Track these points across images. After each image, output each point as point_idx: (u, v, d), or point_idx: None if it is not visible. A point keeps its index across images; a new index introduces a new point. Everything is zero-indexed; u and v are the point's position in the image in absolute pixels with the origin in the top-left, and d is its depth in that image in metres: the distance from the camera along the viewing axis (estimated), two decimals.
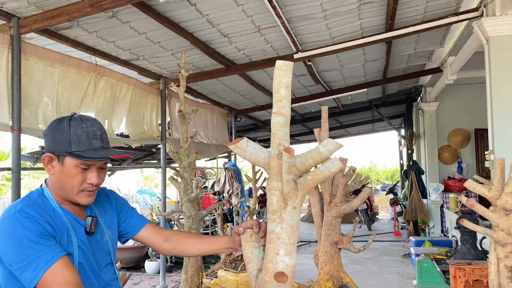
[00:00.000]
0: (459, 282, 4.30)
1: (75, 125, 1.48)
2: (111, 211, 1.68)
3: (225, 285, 5.41)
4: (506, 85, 4.40)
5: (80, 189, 1.49)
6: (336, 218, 3.10)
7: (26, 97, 3.32)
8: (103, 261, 1.57)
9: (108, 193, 1.75)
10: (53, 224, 1.45)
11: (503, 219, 2.48)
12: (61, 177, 1.49)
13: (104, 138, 1.53)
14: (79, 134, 1.47)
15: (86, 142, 1.47)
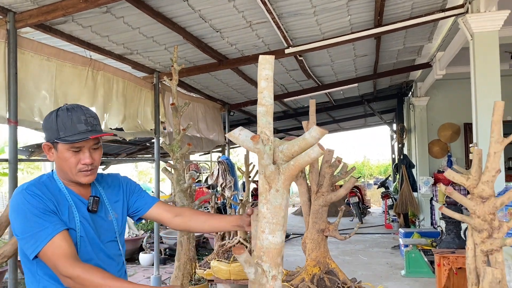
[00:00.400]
0: (443, 270, 4.45)
1: (61, 114, 1.64)
2: (119, 195, 1.82)
3: (218, 275, 5.52)
4: (489, 80, 4.54)
5: (77, 169, 1.65)
6: (322, 207, 3.22)
7: (22, 90, 3.41)
8: (107, 237, 1.72)
9: (121, 179, 1.91)
10: (55, 202, 1.61)
11: (480, 207, 2.62)
12: (59, 161, 1.67)
13: (90, 122, 1.65)
14: (65, 121, 1.62)
15: (71, 128, 1.62)
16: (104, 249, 1.70)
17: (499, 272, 2.53)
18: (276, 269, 1.39)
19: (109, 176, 1.91)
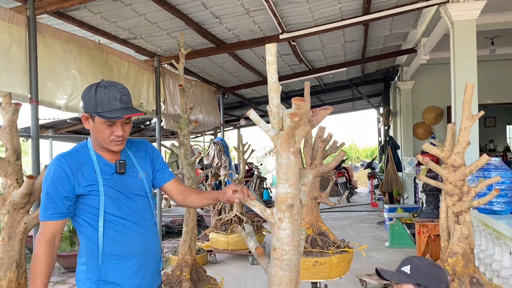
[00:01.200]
0: (423, 237, 4.93)
1: (99, 91, 1.87)
2: (146, 159, 2.11)
3: (217, 246, 5.96)
4: (467, 65, 4.94)
5: (110, 140, 1.90)
6: (315, 177, 3.63)
7: (50, 71, 3.72)
8: (137, 193, 2.00)
9: (147, 145, 2.19)
10: (79, 170, 1.89)
11: (452, 174, 3.09)
12: (94, 131, 1.92)
13: (124, 100, 1.89)
14: (102, 98, 1.85)
15: (108, 105, 1.84)
16: (134, 204, 1.98)
17: (466, 229, 3.01)
18: (282, 213, 1.78)
19: (138, 142, 2.18)
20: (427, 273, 2.01)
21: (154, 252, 2.02)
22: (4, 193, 2.80)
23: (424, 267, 2.03)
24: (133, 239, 1.93)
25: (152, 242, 2.01)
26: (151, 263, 2.00)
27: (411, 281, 1.98)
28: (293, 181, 1.75)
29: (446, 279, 2.02)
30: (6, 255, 2.73)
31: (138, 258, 1.94)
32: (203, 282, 3.75)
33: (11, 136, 2.81)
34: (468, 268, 3.03)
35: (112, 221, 1.91)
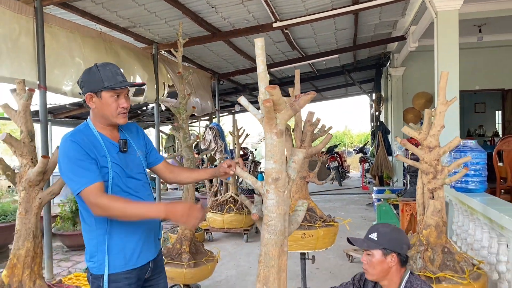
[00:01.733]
0: (406, 215, 5.28)
1: (101, 68, 2.07)
2: (139, 139, 2.33)
3: (213, 225, 6.29)
4: (450, 54, 5.22)
5: (117, 112, 2.11)
6: (304, 158, 3.93)
7: (57, 59, 3.96)
8: (137, 171, 2.22)
9: (138, 129, 2.40)
10: (93, 147, 2.07)
11: (427, 154, 3.41)
12: (102, 107, 2.09)
13: (121, 74, 2.13)
14: (107, 74, 2.04)
15: (113, 78, 2.05)
16: (135, 180, 2.18)
17: (439, 203, 3.34)
18: (268, 185, 2.06)
19: (128, 124, 2.28)
20: (391, 238, 2.24)
21: (154, 223, 2.25)
22: (20, 172, 3.07)
23: (389, 233, 2.27)
24: None
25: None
26: (153, 233, 2.25)
27: (378, 247, 2.21)
28: (276, 158, 2.01)
29: (407, 241, 2.30)
30: (23, 227, 3.01)
31: (142, 228, 2.16)
32: (201, 255, 4.07)
33: (25, 120, 3.08)
34: (440, 239, 3.37)
35: (119, 190, 2.10)
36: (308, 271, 4.38)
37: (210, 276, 4.19)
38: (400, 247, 2.20)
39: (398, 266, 2.19)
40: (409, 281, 2.19)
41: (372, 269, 2.20)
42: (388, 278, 2.21)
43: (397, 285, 2.20)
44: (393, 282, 2.21)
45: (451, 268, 3.26)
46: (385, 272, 2.19)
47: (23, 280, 2.95)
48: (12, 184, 10.49)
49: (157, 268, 2.30)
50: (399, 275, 2.22)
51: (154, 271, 2.27)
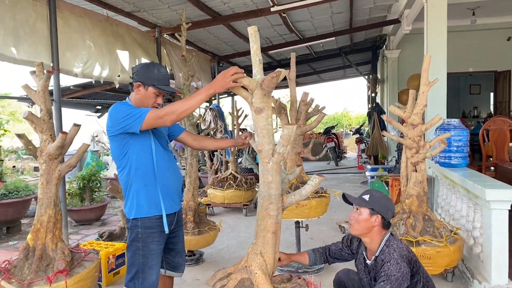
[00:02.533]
0: (395, 189, 5.63)
1: (158, 69, 2.54)
2: None
3: (214, 200, 6.65)
4: (438, 37, 5.50)
5: (152, 106, 2.55)
6: (299, 135, 4.25)
7: (69, 42, 4.24)
8: (164, 143, 2.66)
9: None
10: None
11: (411, 131, 3.74)
12: (143, 98, 2.53)
13: (169, 79, 2.59)
14: (161, 76, 2.50)
15: (163, 81, 2.51)
16: (163, 149, 2.62)
17: (420, 175, 3.69)
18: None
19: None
20: (380, 202, 2.53)
21: (180, 184, 2.70)
22: (41, 146, 3.39)
23: (379, 198, 2.56)
24: (171, 168, 2.61)
25: (180, 177, 2.70)
26: (180, 191, 2.72)
27: (367, 206, 2.48)
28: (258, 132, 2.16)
29: (393, 209, 2.62)
30: (45, 196, 3.35)
31: (176, 183, 2.64)
32: (204, 224, 4.43)
33: (44, 99, 3.38)
34: (421, 208, 3.73)
35: (158, 155, 2.55)
36: (303, 241, 4.75)
37: (213, 244, 4.56)
38: (386, 212, 2.50)
39: (380, 228, 2.50)
40: (388, 240, 2.51)
41: (357, 224, 2.51)
42: (369, 236, 2.52)
43: (378, 243, 2.52)
44: (375, 240, 2.52)
45: (431, 234, 3.63)
46: (367, 230, 2.50)
47: (46, 243, 3.30)
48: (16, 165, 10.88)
49: (178, 222, 2.72)
50: (380, 235, 2.52)
51: (176, 224, 2.67)
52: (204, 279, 3.98)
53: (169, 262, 2.80)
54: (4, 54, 3.65)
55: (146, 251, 2.53)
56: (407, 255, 2.41)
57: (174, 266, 2.82)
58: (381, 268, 2.38)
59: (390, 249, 2.42)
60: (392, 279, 2.27)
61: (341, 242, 2.85)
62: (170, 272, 2.83)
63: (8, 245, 5.67)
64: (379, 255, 2.47)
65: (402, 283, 2.29)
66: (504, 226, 3.25)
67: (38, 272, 3.19)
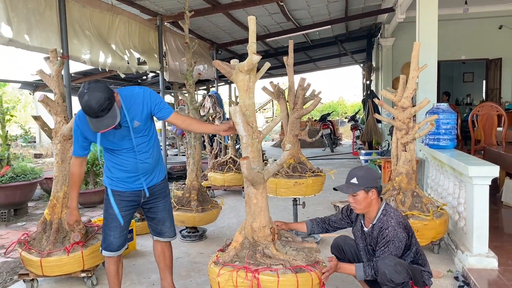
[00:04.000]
0: (387, 171, 5.91)
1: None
2: (141, 107, 2.80)
3: (214, 183, 6.92)
4: (430, 24, 5.73)
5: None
6: (297, 118, 4.50)
7: (74, 30, 4.44)
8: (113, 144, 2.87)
9: (144, 96, 2.82)
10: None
11: (401, 113, 4.00)
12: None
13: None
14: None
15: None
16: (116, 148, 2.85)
17: (409, 155, 3.97)
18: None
19: (133, 94, 2.79)
20: (368, 177, 2.70)
21: (142, 169, 2.93)
22: (56, 128, 3.62)
23: (365, 174, 2.71)
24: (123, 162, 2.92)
25: (142, 165, 2.93)
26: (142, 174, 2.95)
27: (360, 188, 2.66)
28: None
29: (379, 174, 2.85)
30: (60, 174, 3.60)
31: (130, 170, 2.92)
32: (207, 203, 4.69)
33: (58, 83, 3.61)
34: (410, 185, 4.01)
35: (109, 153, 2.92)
36: (300, 219, 5.03)
37: (215, 221, 4.83)
38: (376, 182, 2.73)
39: (377, 197, 2.73)
40: (384, 209, 2.73)
41: (359, 205, 2.73)
42: (371, 209, 2.75)
43: (376, 212, 2.74)
44: (373, 210, 2.75)
45: (419, 209, 3.92)
46: (368, 205, 2.73)
47: (62, 217, 3.56)
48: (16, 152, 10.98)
49: (153, 195, 3.05)
50: (377, 204, 2.75)
51: (150, 197, 3.02)
52: (207, 252, 4.26)
53: (153, 228, 3.17)
54: (19, 41, 3.86)
55: (106, 214, 2.99)
56: (403, 221, 2.68)
57: (159, 232, 3.16)
58: (379, 233, 2.64)
59: (387, 217, 2.66)
60: (391, 244, 2.54)
61: (340, 213, 3.07)
62: (157, 238, 3.18)
63: (17, 226, 5.91)
64: (376, 222, 2.71)
65: (400, 246, 2.56)
66: (485, 200, 3.53)
67: (56, 243, 3.46)
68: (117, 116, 2.57)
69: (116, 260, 3.07)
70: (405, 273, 2.50)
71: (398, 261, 2.54)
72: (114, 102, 2.56)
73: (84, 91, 2.50)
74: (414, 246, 2.74)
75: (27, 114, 20.35)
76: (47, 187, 7.50)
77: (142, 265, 4.05)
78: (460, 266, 3.62)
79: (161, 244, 3.19)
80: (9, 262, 4.29)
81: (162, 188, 3.12)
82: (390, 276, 2.46)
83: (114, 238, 2.99)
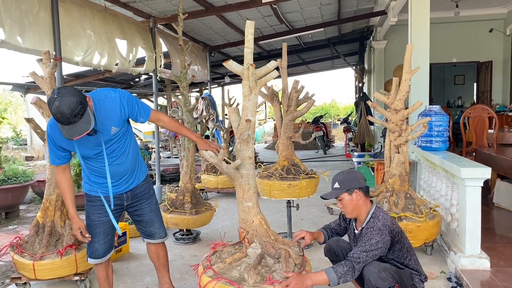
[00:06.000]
0: (380, 173, 5.95)
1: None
2: (118, 113, 2.70)
3: (208, 185, 6.90)
4: (422, 27, 5.78)
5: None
6: (290, 121, 4.51)
7: (71, 31, 4.42)
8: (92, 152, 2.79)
9: (121, 99, 2.71)
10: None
11: (394, 116, 4.02)
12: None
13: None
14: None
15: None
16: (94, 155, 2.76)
17: (402, 157, 3.99)
18: None
19: (108, 98, 2.67)
20: (348, 179, 2.69)
21: (119, 174, 2.87)
22: None
23: (346, 177, 2.72)
24: (100, 169, 2.84)
25: (119, 169, 2.88)
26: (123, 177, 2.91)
27: (342, 191, 2.67)
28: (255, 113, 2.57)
29: (362, 175, 2.80)
30: (53, 176, 3.57)
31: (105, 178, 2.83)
32: (201, 205, 4.68)
33: (51, 85, 3.58)
34: (403, 186, 4.04)
35: (86, 160, 2.83)
36: (294, 221, 5.04)
37: (209, 223, 4.83)
38: (358, 183, 2.71)
39: (363, 198, 2.73)
40: (374, 212, 2.73)
41: (346, 209, 2.73)
42: (360, 211, 2.74)
43: (366, 215, 2.73)
44: (363, 213, 2.74)
45: (412, 210, 3.95)
46: (357, 207, 2.72)
47: (55, 220, 3.54)
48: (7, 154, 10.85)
49: (136, 197, 3.01)
50: (366, 206, 2.74)
51: (132, 199, 2.99)
52: (201, 255, 4.24)
53: (143, 231, 3.14)
54: (11, 43, 3.83)
55: (88, 221, 2.95)
56: (390, 225, 2.65)
57: (149, 234, 3.13)
58: (365, 234, 2.65)
59: (375, 220, 2.65)
60: (370, 242, 2.52)
61: (338, 218, 3.07)
62: (148, 240, 3.16)
63: (8, 229, 5.85)
64: (365, 226, 2.70)
65: (379, 248, 2.52)
66: (477, 201, 3.57)
67: (49, 246, 3.43)
68: (91, 121, 2.44)
69: (104, 266, 3.04)
70: (391, 278, 2.49)
71: (383, 266, 2.53)
72: (87, 107, 2.42)
73: (54, 96, 2.36)
74: (404, 249, 2.71)
75: (18, 116, 20.19)
76: (39, 190, 7.43)
77: (136, 268, 4.04)
78: (453, 267, 3.65)
79: (154, 245, 3.18)
80: (0, 266, 4.25)
81: (146, 189, 3.07)
82: (376, 283, 2.45)
83: (98, 244, 2.95)
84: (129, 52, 5.70)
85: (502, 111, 9.34)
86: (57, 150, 2.72)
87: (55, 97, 2.36)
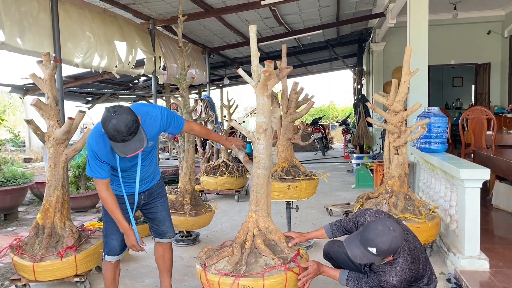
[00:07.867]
0: (379, 174, 5.96)
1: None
2: (157, 129, 2.82)
3: (207, 187, 6.91)
4: (420, 29, 5.80)
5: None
6: (290, 122, 4.52)
7: (70, 33, 4.42)
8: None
9: (162, 117, 2.80)
10: None
11: (393, 117, 4.03)
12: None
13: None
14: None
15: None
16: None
17: (402, 158, 4.00)
18: (259, 134, 2.67)
19: (151, 117, 2.76)
20: (392, 250, 2.30)
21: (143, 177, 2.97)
22: (49, 131, 3.60)
23: (389, 247, 2.26)
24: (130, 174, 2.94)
25: (143, 173, 2.97)
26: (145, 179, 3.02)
27: (376, 259, 2.31)
28: (266, 114, 2.64)
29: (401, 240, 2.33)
30: (53, 178, 3.57)
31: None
32: (200, 207, 4.69)
33: (51, 87, 3.59)
34: (402, 188, 4.05)
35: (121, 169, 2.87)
36: (293, 223, 5.04)
37: (208, 225, 4.82)
38: (396, 252, 2.35)
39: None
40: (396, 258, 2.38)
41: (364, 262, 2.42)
42: None
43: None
44: None
45: (411, 212, 3.95)
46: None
47: (55, 221, 3.53)
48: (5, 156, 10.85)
49: (152, 196, 3.12)
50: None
51: (148, 198, 3.10)
52: None
53: (155, 229, 3.21)
54: (11, 45, 3.84)
55: (106, 218, 2.99)
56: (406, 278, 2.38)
57: (160, 233, 3.20)
58: (383, 266, 2.43)
59: (394, 266, 2.39)
60: (379, 283, 2.38)
61: (351, 222, 2.79)
62: (159, 239, 3.22)
63: (7, 231, 5.84)
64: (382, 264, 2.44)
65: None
66: (476, 202, 3.58)
67: (49, 248, 3.43)
68: (144, 139, 2.49)
69: (114, 266, 3.07)
70: None
71: None
72: (140, 125, 2.49)
73: (111, 115, 2.40)
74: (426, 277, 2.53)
75: (17, 118, 20.16)
76: (38, 191, 7.42)
77: (136, 270, 4.04)
78: (452, 268, 3.66)
79: (162, 246, 3.23)
80: (0, 268, 4.24)
81: (160, 188, 3.20)
82: None
83: (116, 241, 2.98)
84: (129, 53, 5.71)
85: (500, 112, 9.38)
86: (101, 163, 2.72)
87: (112, 115, 2.40)
